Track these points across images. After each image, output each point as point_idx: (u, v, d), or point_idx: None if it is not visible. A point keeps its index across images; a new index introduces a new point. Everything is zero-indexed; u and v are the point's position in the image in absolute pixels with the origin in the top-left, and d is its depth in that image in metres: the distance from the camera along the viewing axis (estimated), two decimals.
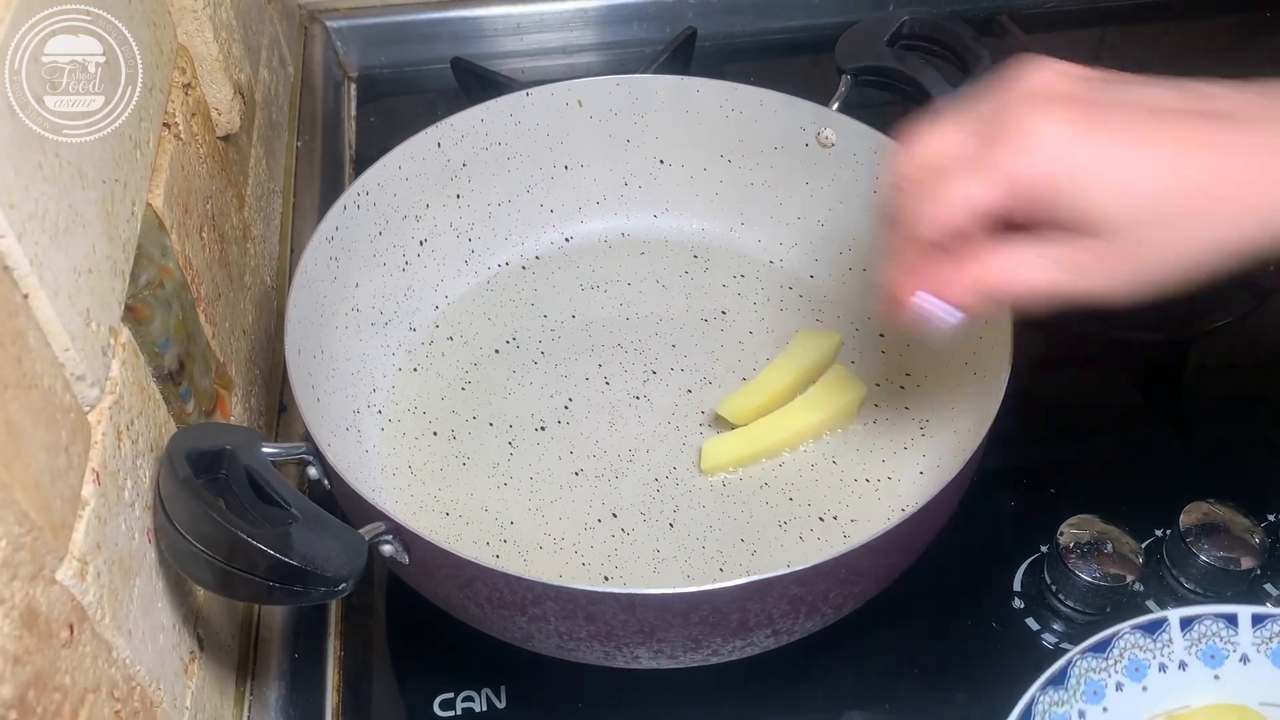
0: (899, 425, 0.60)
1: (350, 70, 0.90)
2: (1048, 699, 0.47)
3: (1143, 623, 0.49)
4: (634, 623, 0.44)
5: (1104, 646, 0.48)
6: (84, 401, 0.38)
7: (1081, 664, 0.48)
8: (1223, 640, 0.49)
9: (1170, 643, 0.49)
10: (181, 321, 0.48)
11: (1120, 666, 0.48)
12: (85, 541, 0.36)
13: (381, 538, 0.45)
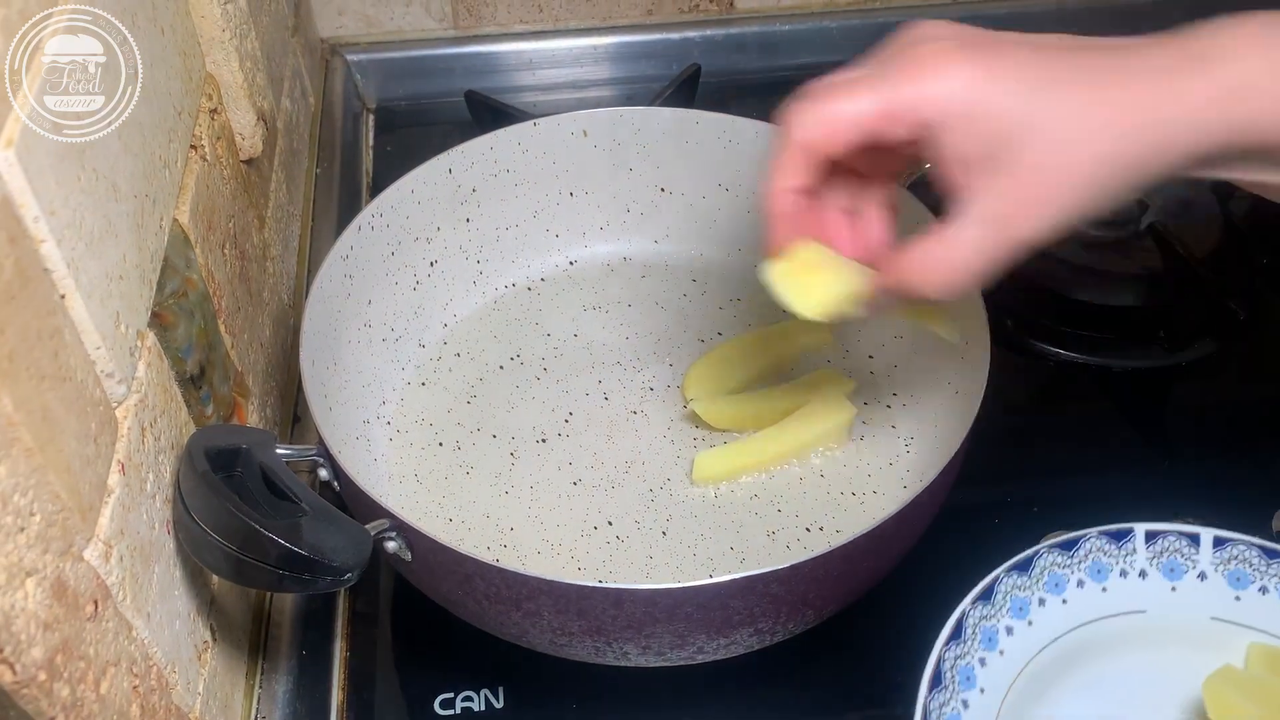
0: (885, 442, 0.62)
1: (369, 102, 0.94)
2: (1011, 581, 0.51)
3: (1110, 530, 0.53)
4: (623, 618, 0.46)
5: (1070, 546, 0.52)
6: (112, 397, 0.41)
7: (1048, 557, 0.52)
8: (1184, 556, 0.52)
9: (1134, 552, 0.52)
10: (203, 330, 0.51)
11: (1084, 566, 0.52)
12: (110, 526, 0.39)
13: (386, 534, 0.47)
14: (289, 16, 0.80)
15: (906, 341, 0.65)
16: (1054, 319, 0.73)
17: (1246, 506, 0.63)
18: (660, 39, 0.95)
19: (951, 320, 0.53)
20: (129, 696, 0.40)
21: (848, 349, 0.67)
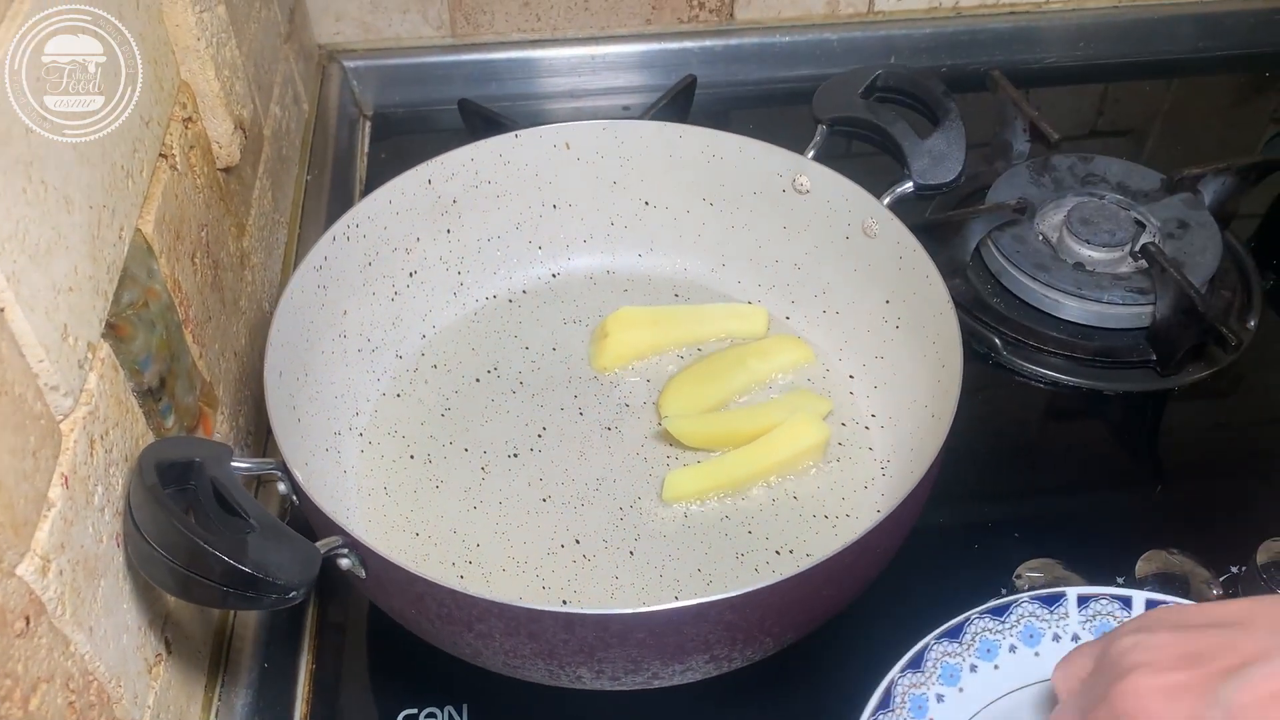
0: (861, 464, 0.61)
1: (366, 109, 0.94)
2: (941, 649, 0.50)
3: (1042, 595, 0.52)
4: (574, 642, 0.46)
5: (1002, 611, 0.52)
6: (56, 410, 0.41)
7: (979, 623, 0.51)
8: (1116, 620, 0.52)
9: (1066, 616, 0.52)
10: (165, 341, 0.51)
11: (1016, 631, 0.51)
12: (49, 540, 0.39)
13: (338, 551, 0.47)
14: (282, 24, 0.80)
15: (887, 362, 0.64)
16: (1044, 340, 0.72)
17: (1233, 535, 0.61)
18: (658, 49, 0.95)
19: None
20: (63, 713, 0.39)
21: (828, 368, 0.66)
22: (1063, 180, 0.79)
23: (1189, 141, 0.93)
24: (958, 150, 0.62)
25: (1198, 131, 0.95)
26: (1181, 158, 0.88)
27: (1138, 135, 0.96)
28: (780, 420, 0.61)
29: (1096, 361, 0.72)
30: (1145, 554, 0.59)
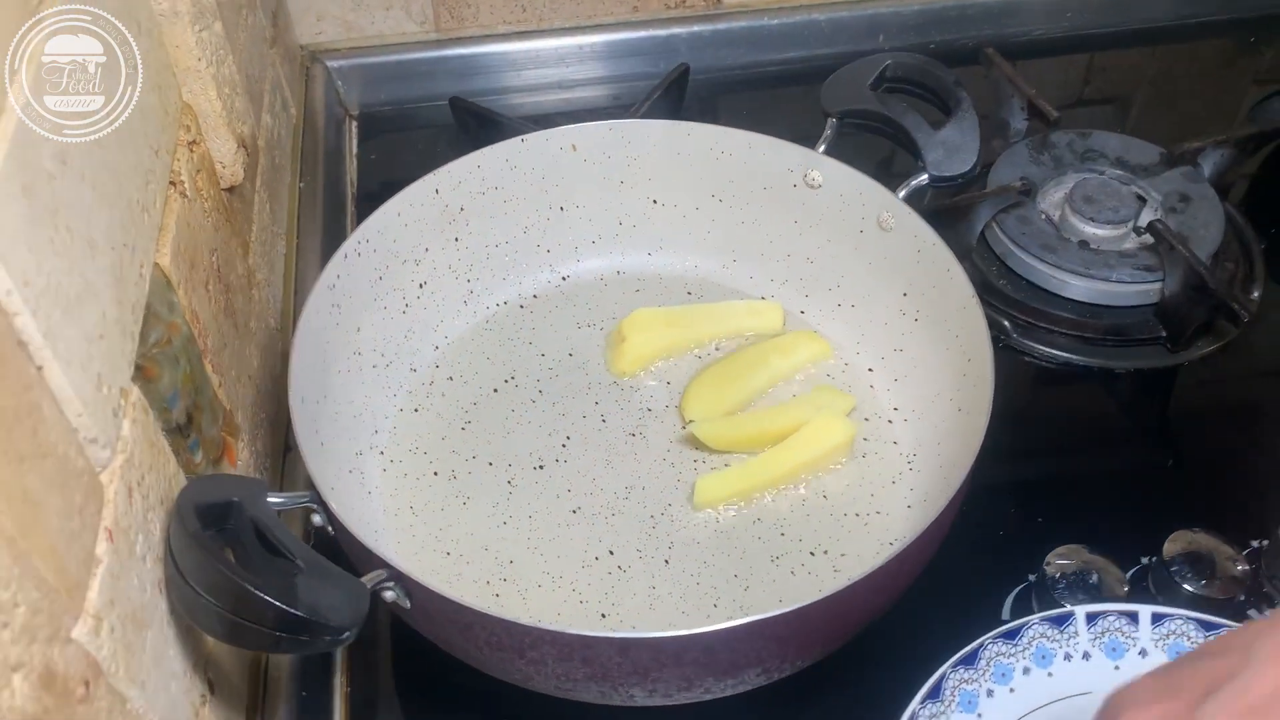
0: (887, 459, 0.61)
1: (351, 108, 0.92)
2: (958, 676, 0.50)
3: (1051, 615, 0.53)
4: (628, 665, 0.45)
5: (1014, 635, 0.52)
6: (96, 463, 0.40)
7: (992, 648, 0.51)
8: (1124, 635, 0.52)
9: (1076, 634, 0.52)
10: (189, 375, 0.50)
11: (1029, 653, 0.52)
12: (99, 599, 0.38)
13: (384, 584, 0.46)
14: (266, 28, 0.78)
15: (907, 355, 0.64)
16: (1054, 321, 0.72)
17: (1251, 510, 0.62)
18: (646, 36, 0.94)
19: None
20: None
21: (846, 362, 0.66)
22: (1062, 157, 0.79)
23: (1175, 108, 0.94)
24: (972, 140, 0.61)
25: (1184, 98, 0.95)
26: (1169, 125, 0.89)
27: (1124, 103, 0.96)
28: (805, 419, 0.61)
29: (1107, 340, 0.72)
30: (1172, 535, 0.60)
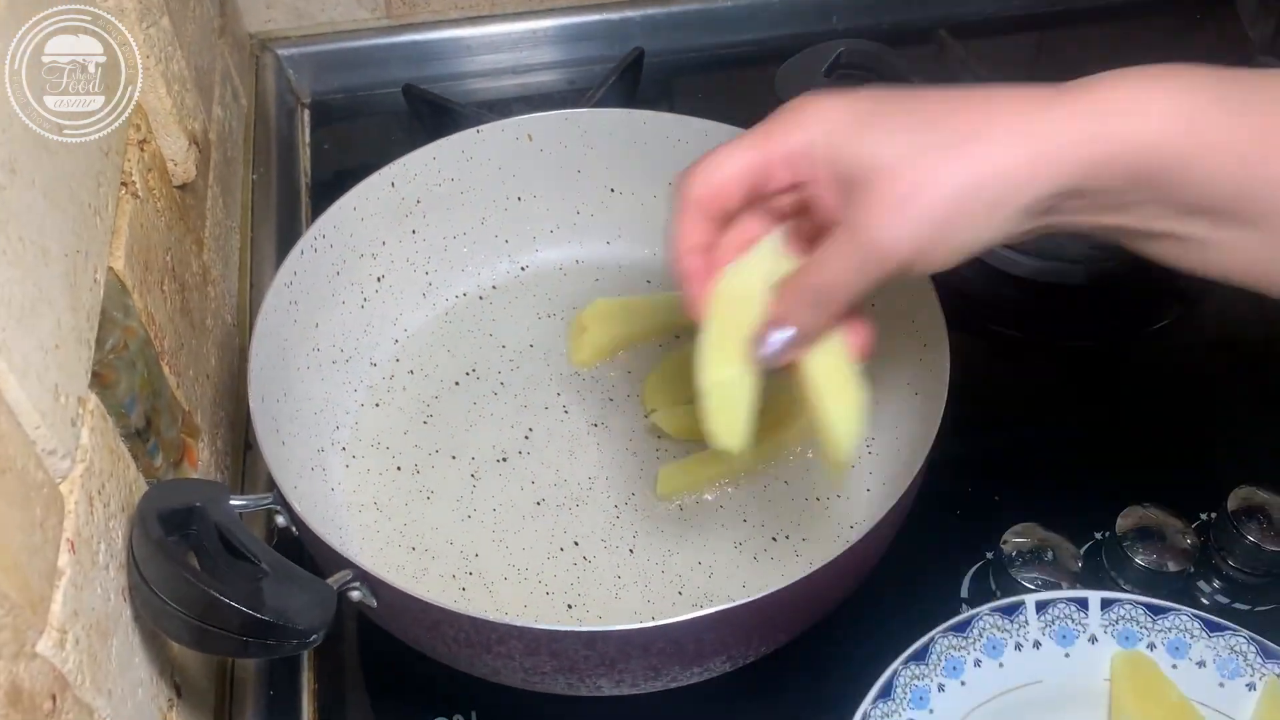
0: None
1: (303, 97, 0.91)
2: (909, 672, 0.50)
3: (1001, 605, 0.53)
4: (595, 657, 0.46)
5: (964, 627, 0.52)
6: (55, 474, 0.39)
7: (943, 641, 0.52)
8: (1074, 622, 0.53)
9: (1026, 624, 0.53)
10: (146, 378, 0.50)
11: (979, 645, 0.52)
12: (63, 611, 0.38)
13: (349, 585, 0.46)
14: (215, 18, 0.77)
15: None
16: (1005, 298, 0.73)
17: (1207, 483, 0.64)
18: (600, 19, 0.93)
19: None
20: None
21: None
22: None
23: None
24: None
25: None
26: None
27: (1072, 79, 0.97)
28: (766, 406, 0.61)
29: (1058, 319, 0.73)
30: (1124, 511, 0.61)
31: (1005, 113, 0.38)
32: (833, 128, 0.41)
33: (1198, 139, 0.38)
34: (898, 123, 0.40)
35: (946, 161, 0.38)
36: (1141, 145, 0.38)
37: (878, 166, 0.39)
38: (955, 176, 0.38)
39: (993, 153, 0.38)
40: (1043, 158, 0.38)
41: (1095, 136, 0.38)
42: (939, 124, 0.39)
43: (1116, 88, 0.38)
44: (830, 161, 0.41)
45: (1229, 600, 0.61)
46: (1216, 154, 0.38)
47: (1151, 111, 0.38)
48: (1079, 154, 0.38)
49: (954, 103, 0.40)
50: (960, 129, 0.39)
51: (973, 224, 0.39)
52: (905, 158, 0.39)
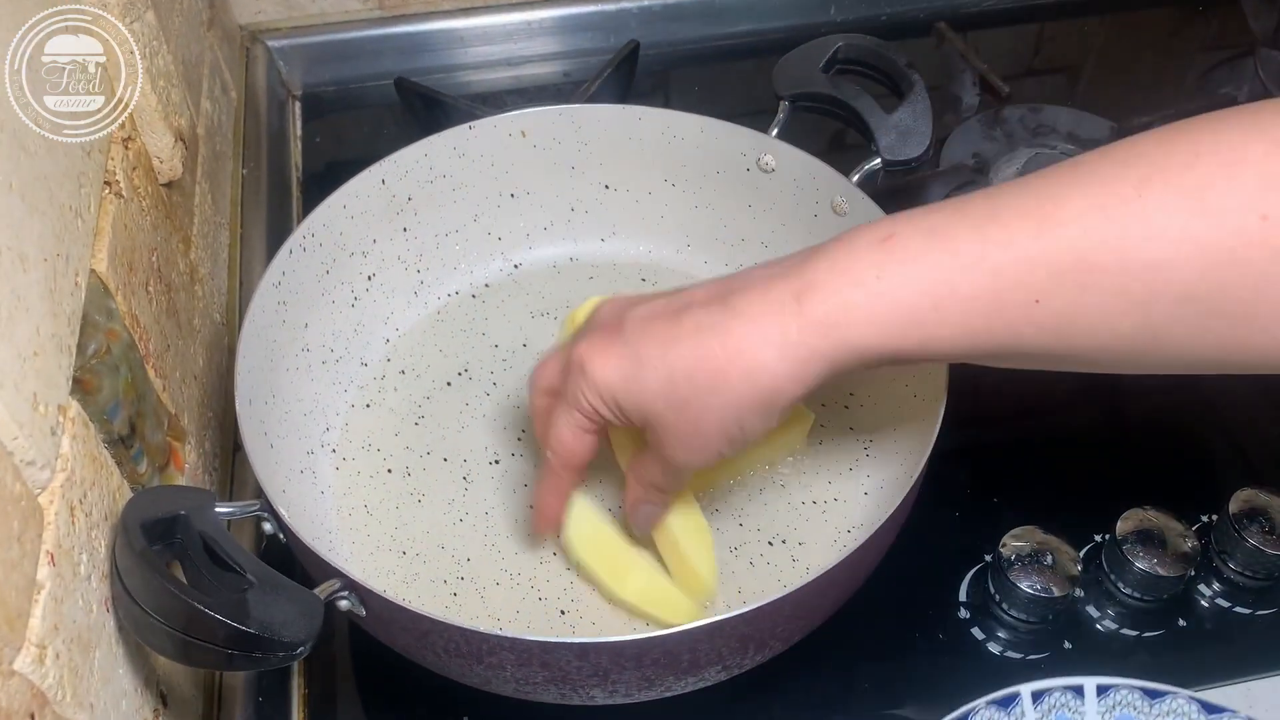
0: (844, 446, 0.61)
1: (294, 89, 0.90)
2: None
3: (997, 697, 0.51)
4: (588, 668, 0.45)
5: None
6: (34, 486, 0.38)
7: None
8: (1071, 710, 0.52)
9: (1023, 715, 0.51)
10: (130, 383, 0.49)
11: None
12: (42, 625, 0.37)
13: (338, 594, 0.46)
14: (203, 10, 0.76)
15: None
16: None
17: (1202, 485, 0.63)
18: (596, 10, 0.92)
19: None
20: None
21: None
22: (1014, 133, 0.79)
23: (1125, 77, 0.94)
24: (925, 124, 0.61)
25: (1133, 66, 0.96)
26: (1119, 95, 0.89)
27: (1073, 72, 0.96)
28: None
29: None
30: (1124, 514, 0.60)
31: (741, 347, 0.42)
32: (611, 384, 0.45)
33: (930, 322, 0.40)
34: (656, 378, 0.44)
35: (703, 413, 0.43)
36: (869, 348, 0.41)
37: (652, 417, 0.45)
38: (718, 416, 0.43)
39: (733, 395, 0.42)
40: (784, 378, 0.42)
41: (824, 350, 0.41)
42: (690, 377, 0.43)
43: (839, 292, 0.41)
44: (618, 413, 0.46)
45: (1230, 604, 0.60)
46: (953, 328, 0.40)
47: (876, 317, 0.40)
48: (816, 365, 0.42)
49: (699, 342, 0.43)
50: (705, 379, 0.42)
51: (753, 431, 0.44)
52: (670, 412, 0.44)
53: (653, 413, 0.44)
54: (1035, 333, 0.40)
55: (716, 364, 0.42)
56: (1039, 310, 0.39)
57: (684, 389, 0.43)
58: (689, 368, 0.43)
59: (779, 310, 0.41)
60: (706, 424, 0.44)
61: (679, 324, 0.44)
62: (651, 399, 0.44)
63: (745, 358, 0.42)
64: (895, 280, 0.40)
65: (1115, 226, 0.37)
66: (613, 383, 0.45)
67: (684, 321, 0.43)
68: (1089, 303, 0.38)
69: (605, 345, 0.45)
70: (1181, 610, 0.60)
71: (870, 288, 0.40)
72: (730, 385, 0.42)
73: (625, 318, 0.45)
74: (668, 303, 0.45)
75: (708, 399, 0.43)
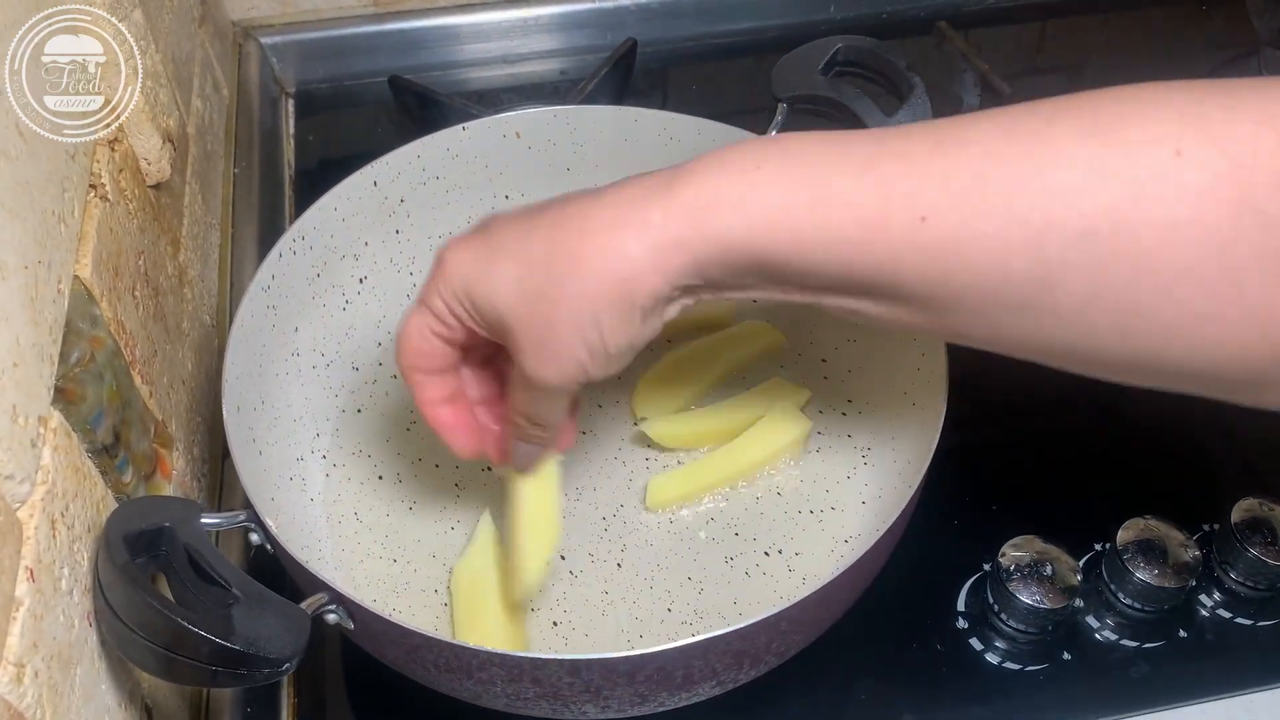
0: (841, 453, 0.60)
1: (287, 86, 0.89)
2: None
3: None
4: (579, 684, 0.44)
5: None
6: (13, 500, 0.38)
7: None
8: None
9: None
10: (115, 390, 0.48)
11: None
12: (21, 644, 0.36)
13: (325, 608, 0.45)
14: (195, 6, 0.75)
15: (860, 345, 0.63)
16: None
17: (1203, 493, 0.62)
18: (593, 8, 0.91)
19: None
20: None
21: (799, 353, 0.65)
22: None
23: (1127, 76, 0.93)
24: None
25: (1136, 65, 0.95)
26: None
27: (1076, 71, 0.96)
28: (759, 414, 0.60)
29: None
30: (1125, 523, 0.60)
31: (600, 229, 0.39)
32: (465, 275, 0.43)
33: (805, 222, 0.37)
34: (510, 266, 0.41)
35: (556, 305, 0.40)
36: (737, 241, 0.38)
37: (505, 314, 0.42)
38: (572, 310, 0.40)
39: (588, 283, 0.39)
40: (644, 266, 0.39)
41: (688, 239, 0.38)
42: (545, 262, 0.40)
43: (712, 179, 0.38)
44: (473, 312, 0.43)
45: (1231, 615, 0.59)
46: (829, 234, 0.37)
47: (747, 205, 0.38)
48: (680, 258, 0.39)
49: (558, 226, 0.40)
50: (560, 263, 0.40)
51: (613, 337, 0.41)
52: (521, 305, 0.41)
53: (505, 308, 0.42)
54: (916, 260, 0.36)
55: (570, 247, 0.40)
56: (925, 231, 0.36)
57: (538, 278, 0.40)
58: (544, 254, 0.40)
59: (646, 196, 0.39)
60: (560, 322, 0.40)
61: (542, 215, 0.42)
62: (505, 293, 0.41)
63: (600, 239, 0.39)
64: (773, 171, 0.37)
65: (1018, 148, 0.35)
66: (466, 274, 0.43)
67: (547, 213, 0.42)
68: (981, 230, 0.35)
69: (466, 241, 0.44)
70: (1182, 621, 0.59)
71: (747, 177, 0.38)
72: (586, 271, 0.39)
73: (494, 217, 0.44)
74: (540, 203, 0.43)
75: (561, 288, 0.40)
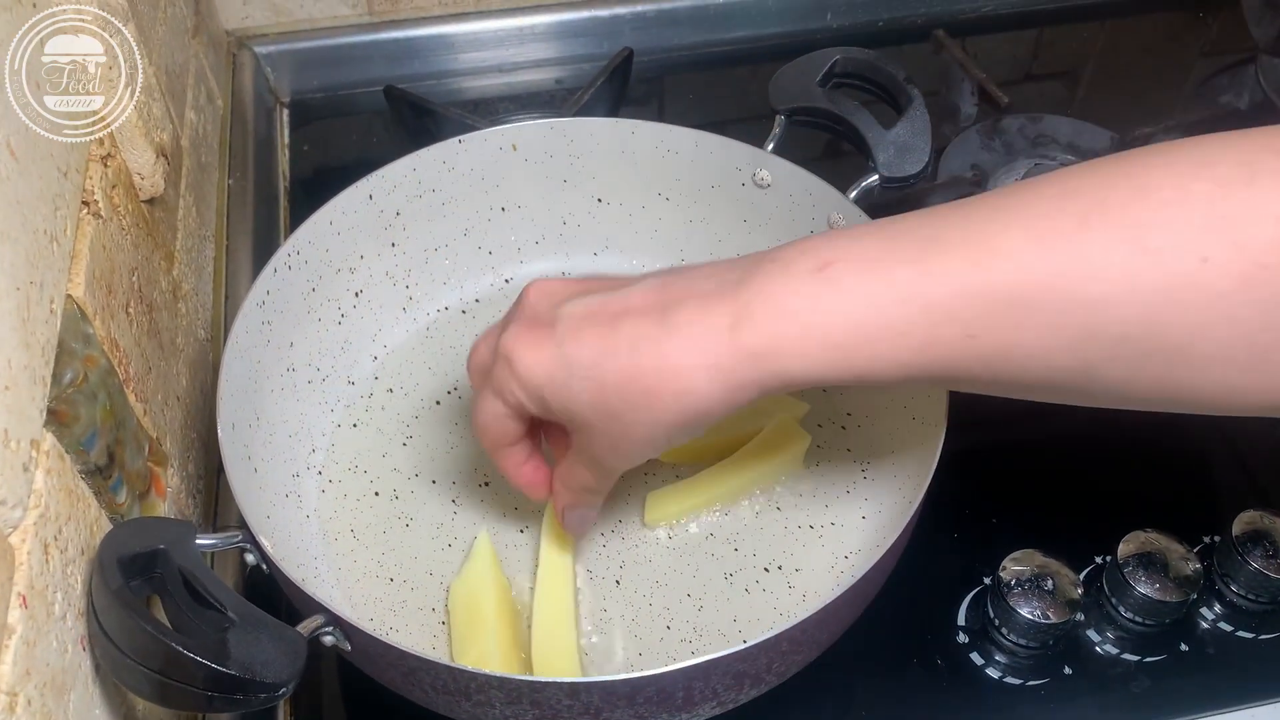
0: (841, 468, 0.60)
1: (282, 96, 0.88)
2: None
3: None
4: (578, 706, 0.44)
5: None
6: (5, 525, 0.37)
7: None
8: None
9: None
10: (109, 410, 0.47)
11: None
12: (13, 672, 0.36)
13: (322, 630, 0.44)
14: (188, 17, 0.74)
15: None
16: None
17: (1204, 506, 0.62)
18: (589, 16, 0.91)
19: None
20: None
21: None
22: (1013, 143, 0.78)
23: (1124, 83, 0.93)
24: (923, 140, 0.60)
25: (1132, 73, 0.94)
26: (1118, 103, 0.88)
27: (1072, 79, 0.95)
28: (757, 428, 0.60)
29: None
30: (1126, 536, 0.59)
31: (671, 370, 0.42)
32: (539, 385, 0.44)
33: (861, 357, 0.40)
34: (586, 387, 0.43)
35: (630, 427, 0.43)
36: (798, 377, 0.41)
37: (579, 422, 0.45)
38: (647, 429, 0.43)
39: (661, 416, 0.42)
40: (715, 402, 0.42)
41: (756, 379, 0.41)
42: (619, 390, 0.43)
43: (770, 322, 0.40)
44: (546, 411, 0.46)
45: (1232, 628, 0.59)
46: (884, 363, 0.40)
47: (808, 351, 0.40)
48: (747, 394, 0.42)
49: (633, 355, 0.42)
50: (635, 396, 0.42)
51: (679, 441, 0.44)
52: (597, 420, 0.44)
53: (580, 418, 0.44)
54: (970, 365, 0.40)
55: (648, 383, 0.42)
56: (974, 344, 0.39)
57: (614, 402, 0.43)
58: (620, 382, 0.43)
59: (714, 337, 0.41)
60: (635, 434, 0.44)
61: (615, 333, 0.43)
62: (580, 406, 0.44)
63: (677, 381, 0.42)
64: (828, 313, 0.40)
65: (1053, 263, 0.37)
66: (540, 383, 0.44)
67: (620, 331, 0.43)
68: (1024, 339, 0.38)
69: (535, 341, 0.45)
70: (1183, 634, 0.59)
71: (803, 319, 0.40)
72: (661, 404, 0.42)
73: (559, 314, 0.45)
74: (604, 303, 0.44)
75: (637, 414, 0.43)
